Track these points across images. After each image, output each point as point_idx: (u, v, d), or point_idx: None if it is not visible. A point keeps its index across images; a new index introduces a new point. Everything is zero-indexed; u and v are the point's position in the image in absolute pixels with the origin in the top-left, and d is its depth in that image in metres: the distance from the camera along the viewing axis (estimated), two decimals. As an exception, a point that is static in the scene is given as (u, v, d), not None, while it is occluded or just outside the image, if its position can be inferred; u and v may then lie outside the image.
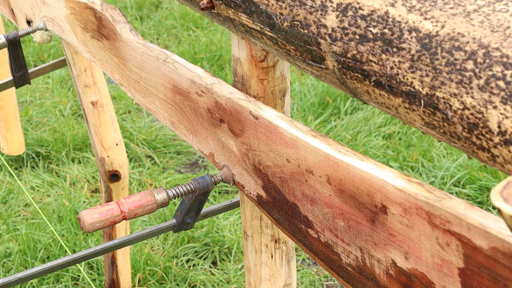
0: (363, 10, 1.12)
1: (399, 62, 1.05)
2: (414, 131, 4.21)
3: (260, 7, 1.31)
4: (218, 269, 3.42)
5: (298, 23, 1.23)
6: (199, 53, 5.20)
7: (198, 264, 3.45)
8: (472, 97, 0.95)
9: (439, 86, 1.00)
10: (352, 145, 4.13)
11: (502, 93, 0.92)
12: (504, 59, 0.92)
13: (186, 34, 5.57)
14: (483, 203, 3.67)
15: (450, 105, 0.99)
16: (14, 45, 2.71)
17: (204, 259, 3.49)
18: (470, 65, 0.96)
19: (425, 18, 1.03)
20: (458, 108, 0.98)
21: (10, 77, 2.84)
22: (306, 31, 1.21)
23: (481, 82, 0.94)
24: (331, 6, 1.16)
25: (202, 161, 4.27)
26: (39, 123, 4.58)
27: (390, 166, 2.38)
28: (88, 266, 3.44)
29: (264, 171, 1.42)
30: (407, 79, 1.04)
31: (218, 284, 3.33)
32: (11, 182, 3.95)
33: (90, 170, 4.12)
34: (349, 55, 1.14)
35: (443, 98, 1.00)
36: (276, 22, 1.28)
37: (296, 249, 3.06)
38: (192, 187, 1.55)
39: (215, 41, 5.34)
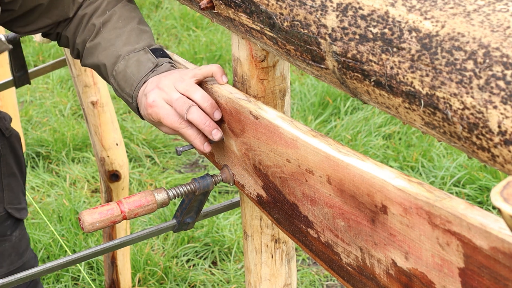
0: (363, 10, 1.12)
1: (399, 62, 1.05)
2: (414, 131, 4.22)
3: (260, 7, 1.31)
4: (218, 269, 3.42)
5: (298, 23, 1.23)
6: (199, 53, 5.20)
7: (198, 264, 3.45)
8: (472, 97, 0.95)
9: (439, 86, 1.00)
10: (352, 145, 4.13)
11: (502, 93, 0.92)
12: (504, 59, 0.92)
13: (186, 34, 5.57)
14: (483, 203, 3.67)
15: (450, 105, 0.99)
16: (14, 45, 2.71)
17: (204, 259, 3.49)
18: (470, 65, 0.96)
19: (425, 18, 1.03)
20: (458, 108, 0.98)
21: (10, 77, 2.84)
22: (306, 31, 1.21)
23: (481, 82, 0.94)
24: (331, 6, 1.16)
25: (202, 161, 4.27)
26: (39, 123, 4.58)
27: (390, 166, 2.39)
28: (88, 266, 3.44)
29: (264, 171, 1.42)
30: (407, 79, 1.04)
31: (218, 284, 3.33)
32: (11, 182, 3.94)
33: (90, 170, 4.12)
34: (349, 55, 1.14)
35: (443, 98, 1.00)
36: (276, 22, 1.28)
37: (296, 249, 3.06)
38: (192, 187, 1.55)
39: (215, 41, 5.34)
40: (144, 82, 1.58)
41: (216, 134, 1.50)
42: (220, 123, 1.53)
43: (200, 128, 1.50)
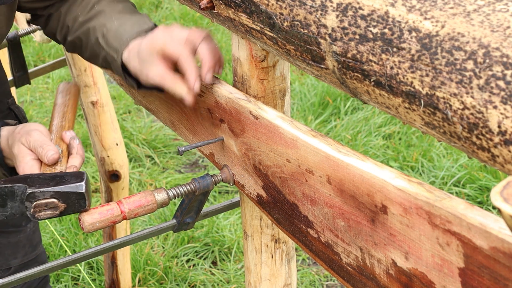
0: (363, 10, 1.12)
1: (399, 62, 1.05)
2: (414, 131, 4.22)
3: (260, 7, 1.31)
4: (218, 269, 3.42)
5: (298, 23, 1.23)
6: (199, 53, 5.20)
7: (198, 264, 3.45)
8: (472, 97, 0.95)
9: (439, 86, 1.00)
10: (352, 145, 4.13)
11: (502, 93, 0.92)
12: (504, 59, 0.92)
13: (186, 34, 5.56)
14: (483, 203, 3.67)
15: (450, 105, 0.99)
16: (14, 45, 2.71)
17: (204, 259, 3.49)
18: (470, 65, 0.96)
19: (425, 18, 1.03)
20: (458, 108, 0.98)
21: (10, 77, 2.84)
22: (306, 31, 1.21)
23: (481, 82, 0.94)
24: (331, 6, 1.16)
25: (202, 161, 4.27)
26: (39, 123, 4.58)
27: (390, 166, 2.39)
28: (88, 266, 3.44)
29: (264, 171, 1.42)
30: (407, 79, 1.04)
31: (218, 284, 3.33)
32: (11, 182, 3.94)
33: (90, 170, 4.12)
34: (349, 55, 1.14)
35: (443, 98, 1.00)
36: (276, 22, 1.28)
37: (296, 249, 3.07)
38: (192, 187, 1.55)
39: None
40: (134, 39, 1.54)
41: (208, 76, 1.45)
42: (220, 122, 1.53)
43: (204, 62, 1.45)
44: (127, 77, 1.59)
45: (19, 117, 2.07)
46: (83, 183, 1.46)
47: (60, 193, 1.45)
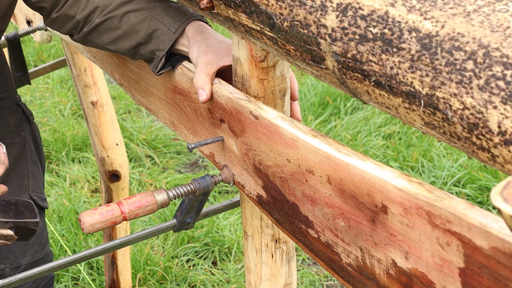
0: (363, 10, 1.12)
1: (399, 62, 1.05)
2: (414, 131, 4.22)
3: (260, 7, 1.31)
4: (218, 269, 3.42)
5: (298, 23, 1.23)
6: (199, 53, 5.19)
7: (198, 264, 3.45)
8: (472, 97, 0.95)
9: (439, 86, 1.00)
10: (352, 145, 4.13)
11: (502, 93, 0.92)
12: (504, 59, 0.93)
13: (186, 34, 5.56)
14: (483, 203, 3.67)
15: (450, 105, 0.99)
16: (14, 45, 2.71)
17: (204, 259, 3.49)
18: (470, 65, 0.96)
19: (425, 18, 1.03)
20: (458, 108, 0.98)
21: (10, 77, 2.84)
22: (306, 31, 1.21)
23: (481, 82, 0.94)
24: (331, 6, 1.16)
25: (202, 161, 4.27)
26: (39, 123, 4.58)
27: (390, 166, 2.38)
28: (88, 266, 3.44)
29: (265, 171, 1.42)
30: (407, 79, 1.05)
31: (218, 284, 3.33)
32: (11, 182, 3.94)
33: (90, 170, 4.12)
34: (349, 55, 1.14)
35: (443, 98, 1.00)
36: (276, 22, 1.28)
37: (296, 249, 3.07)
38: (192, 187, 1.55)
39: (215, 41, 5.33)
40: (197, 20, 1.60)
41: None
42: (220, 122, 1.53)
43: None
44: (163, 56, 1.62)
45: (26, 114, 2.07)
46: (38, 219, 1.52)
47: (17, 225, 1.50)
